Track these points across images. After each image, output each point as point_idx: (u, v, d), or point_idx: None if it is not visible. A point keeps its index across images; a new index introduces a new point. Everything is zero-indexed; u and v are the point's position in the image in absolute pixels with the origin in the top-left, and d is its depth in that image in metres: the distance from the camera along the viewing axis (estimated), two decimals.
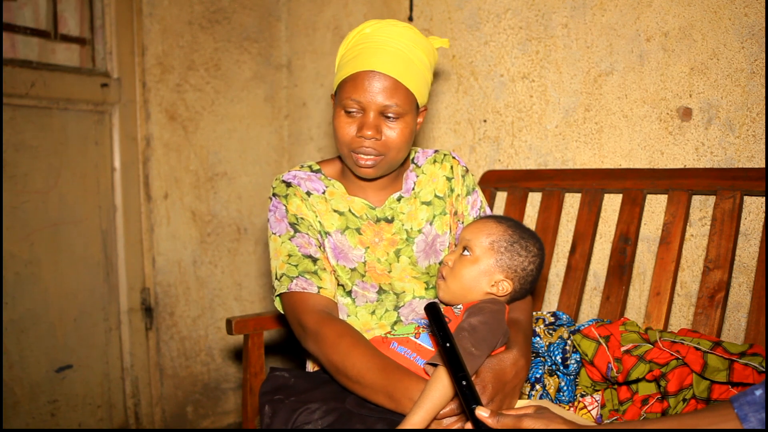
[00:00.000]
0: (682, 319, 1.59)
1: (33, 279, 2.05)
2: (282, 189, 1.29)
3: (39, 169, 2.05)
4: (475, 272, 1.19)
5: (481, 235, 1.20)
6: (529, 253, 1.20)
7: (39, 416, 2.07)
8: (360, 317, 1.28)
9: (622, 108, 1.69)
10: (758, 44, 1.46)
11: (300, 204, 1.27)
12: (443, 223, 1.34)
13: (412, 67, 1.21)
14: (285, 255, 1.24)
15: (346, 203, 1.30)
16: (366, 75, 1.18)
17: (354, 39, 1.23)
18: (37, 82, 1.99)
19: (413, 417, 0.97)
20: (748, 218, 1.49)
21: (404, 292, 1.29)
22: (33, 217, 2.04)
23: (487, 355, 1.07)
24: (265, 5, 2.59)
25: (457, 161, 1.39)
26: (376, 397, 1.07)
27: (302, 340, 1.21)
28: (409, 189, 1.34)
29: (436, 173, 1.37)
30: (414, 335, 1.16)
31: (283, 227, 1.27)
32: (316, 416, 1.09)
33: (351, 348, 1.11)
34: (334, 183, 1.32)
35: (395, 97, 1.19)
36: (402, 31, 1.21)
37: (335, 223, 1.28)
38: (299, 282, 1.21)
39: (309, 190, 1.30)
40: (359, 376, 1.08)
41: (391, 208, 1.31)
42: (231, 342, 2.54)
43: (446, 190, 1.36)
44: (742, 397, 0.80)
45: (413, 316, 1.29)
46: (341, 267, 1.28)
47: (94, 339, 2.21)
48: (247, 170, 2.57)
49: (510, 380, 1.08)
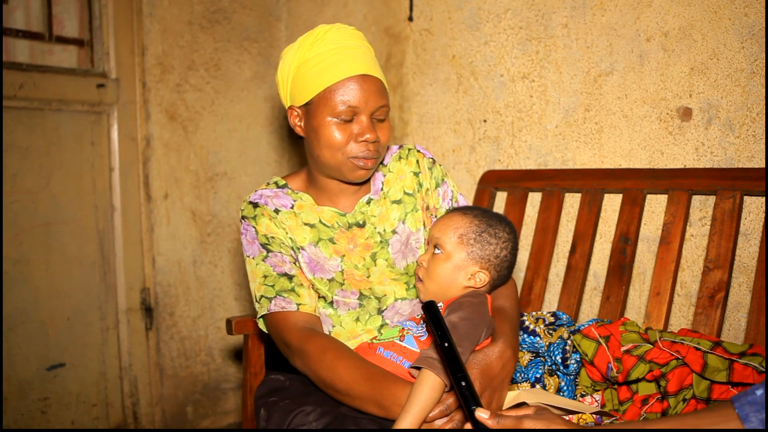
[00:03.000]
0: (682, 319, 1.59)
1: (22, 278, 2.05)
2: (250, 210, 1.28)
3: (29, 169, 2.05)
4: (450, 269, 1.18)
5: (449, 231, 1.20)
6: (500, 239, 1.19)
7: (28, 413, 2.07)
8: (345, 326, 1.27)
9: (622, 108, 1.69)
10: (758, 44, 1.46)
11: (269, 223, 1.26)
12: (416, 220, 1.33)
13: (379, 67, 1.24)
14: (261, 276, 1.24)
15: (316, 214, 1.29)
16: (357, 80, 1.18)
17: (315, 47, 1.20)
18: (26, 84, 1.99)
19: (401, 423, 0.97)
20: (748, 218, 1.49)
21: (385, 296, 1.28)
22: (22, 217, 2.04)
23: (471, 350, 1.06)
24: (265, 5, 2.59)
25: (422, 154, 1.37)
26: (367, 407, 1.07)
27: (289, 358, 1.21)
28: (377, 190, 1.33)
29: (403, 170, 1.36)
30: (399, 338, 1.15)
31: (255, 249, 1.26)
32: (311, 418, 1.10)
33: (336, 361, 1.11)
34: (302, 195, 1.30)
35: (383, 99, 1.21)
36: (353, 32, 1.24)
37: (307, 237, 1.27)
38: (278, 302, 1.21)
39: (277, 207, 1.28)
40: (347, 388, 1.08)
41: (361, 213, 1.30)
42: (231, 342, 2.54)
43: (415, 185, 1.35)
44: (743, 397, 0.80)
45: (398, 319, 1.28)
46: (318, 280, 1.26)
47: (90, 338, 2.20)
48: (247, 170, 2.57)
49: (497, 374, 1.08)
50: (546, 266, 1.67)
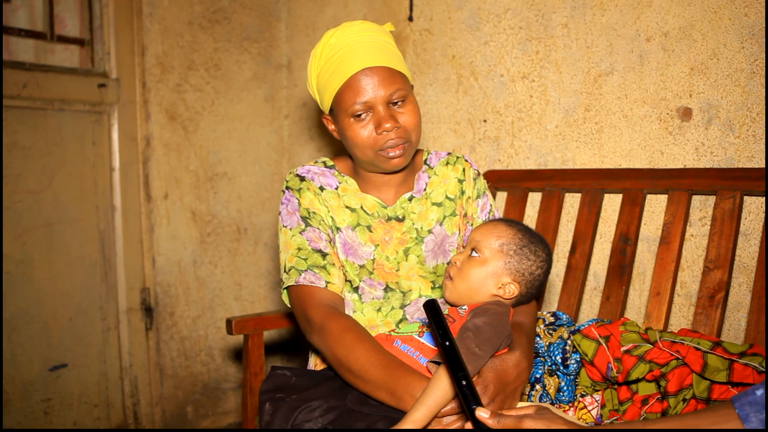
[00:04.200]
0: (682, 319, 1.59)
1: (25, 278, 2.05)
2: (296, 183, 1.30)
3: (32, 169, 2.06)
4: (483, 274, 1.19)
5: (491, 237, 1.20)
6: (538, 257, 1.20)
7: (31, 414, 2.07)
8: (366, 314, 1.29)
9: (622, 108, 1.69)
10: (758, 44, 1.46)
11: (313, 198, 1.29)
12: (453, 225, 1.35)
13: (389, 51, 1.24)
14: (295, 248, 1.25)
15: (359, 200, 1.31)
16: (359, 75, 1.20)
17: (324, 54, 1.24)
18: (30, 83, 2.00)
19: (414, 414, 0.97)
20: (748, 218, 1.49)
21: (410, 291, 1.30)
22: (25, 217, 2.04)
23: (491, 355, 1.07)
24: (265, 5, 2.59)
25: (469, 164, 1.40)
26: (378, 393, 1.07)
27: (307, 333, 1.22)
28: (420, 189, 1.35)
29: (448, 175, 1.38)
30: (418, 334, 1.16)
31: (294, 220, 1.27)
32: (316, 414, 1.10)
33: (355, 343, 1.12)
34: (348, 179, 1.33)
35: (394, 83, 1.21)
36: (361, 26, 1.25)
37: (347, 219, 1.29)
38: (308, 275, 1.22)
39: (322, 185, 1.31)
40: (362, 371, 1.09)
41: (402, 208, 1.32)
42: (231, 342, 2.54)
43: (457, 192, 1.37)
44: (743, 397, 0.80)
45: (418, 315, 1.29)
46: (350, 263, 1.28)
47: (91, 338, 2.21)
48: (247, 170, 2.58)
49: (512, 381, 1.08)
50: None
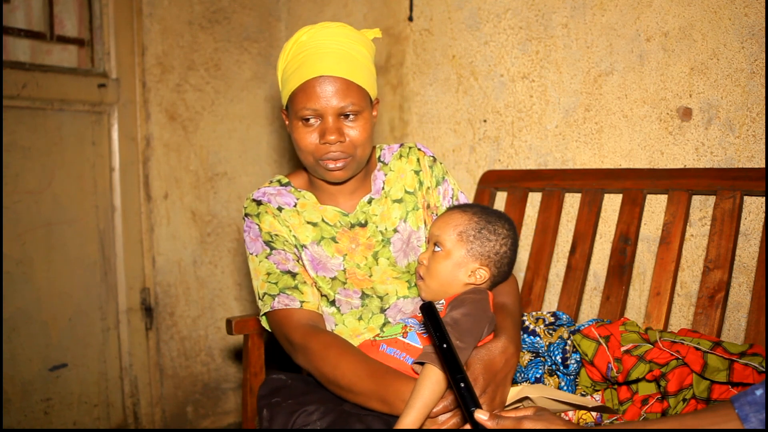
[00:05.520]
0: (682, 319, 1.59)
1: (24, 278, 2.05)
2: (253, 208, 1.29)
3: (32, 169, 2.05)
4: (450, 266, 1.18)
5: (449, 228, 1.20)
6: (499, 236, 1.20)
7: (31, 414, 2.07)
8: (348, 324, 1.27)
9: (622, 108, 1.69)
10: (758, 44, 1.46)
11: (273, 221, 1.27)
12: (417, 219, 1.34)
13: (356, 63, 1.21)
14: (264, 274, 1.24)
15: (319, 213, 1.30)
16: (316, 81, 1.18)
17: (292, 50, 1.22)
18: (29, 84, 2.00)
19: (405, 419, 0.97)
20: (748, 218, 1.49)
21: (387, 294, 1.29)
22: (25, 217, 2.04)
23: (474, 346, 1.06)
24: (265, 5, 2.59)
25: (423, 152, 1.38)
26: (370, 403, 1.07)
27: (292, 355, 1.22)
28: (378, 189, 1.33)
29: (404, 168, 1.36)
30: (402, 335, 1.16)
31: (258, 246, 1.26)
32: (314, 417, 1.10)
33: (339, 358, 1.11)
34: (305, 194, 1.31)
35: (349, 96, 1.19)
36: (337, 30, 1.22)
37: (310, 235, 1.28)
38: (281, 299, 1.21)
39: (280, 205, 1.29)
40: (351, 384, 1.09)
41: (363, 212, 1.31)
42: (231, 342, 2.54)
43: (416, 184, 1.35)
44: (743, 397, 0.80)
45: (400, 317, 1.28)
46: (321, 278, 1.27)
47: (91, 338, 2.21)
48: (247, 170, 2.58)
49: (500, 369, 1.08)
50: (546, 266, 1.67)
